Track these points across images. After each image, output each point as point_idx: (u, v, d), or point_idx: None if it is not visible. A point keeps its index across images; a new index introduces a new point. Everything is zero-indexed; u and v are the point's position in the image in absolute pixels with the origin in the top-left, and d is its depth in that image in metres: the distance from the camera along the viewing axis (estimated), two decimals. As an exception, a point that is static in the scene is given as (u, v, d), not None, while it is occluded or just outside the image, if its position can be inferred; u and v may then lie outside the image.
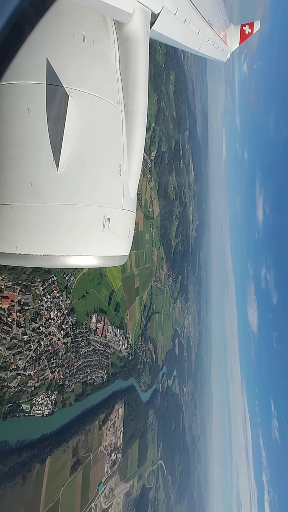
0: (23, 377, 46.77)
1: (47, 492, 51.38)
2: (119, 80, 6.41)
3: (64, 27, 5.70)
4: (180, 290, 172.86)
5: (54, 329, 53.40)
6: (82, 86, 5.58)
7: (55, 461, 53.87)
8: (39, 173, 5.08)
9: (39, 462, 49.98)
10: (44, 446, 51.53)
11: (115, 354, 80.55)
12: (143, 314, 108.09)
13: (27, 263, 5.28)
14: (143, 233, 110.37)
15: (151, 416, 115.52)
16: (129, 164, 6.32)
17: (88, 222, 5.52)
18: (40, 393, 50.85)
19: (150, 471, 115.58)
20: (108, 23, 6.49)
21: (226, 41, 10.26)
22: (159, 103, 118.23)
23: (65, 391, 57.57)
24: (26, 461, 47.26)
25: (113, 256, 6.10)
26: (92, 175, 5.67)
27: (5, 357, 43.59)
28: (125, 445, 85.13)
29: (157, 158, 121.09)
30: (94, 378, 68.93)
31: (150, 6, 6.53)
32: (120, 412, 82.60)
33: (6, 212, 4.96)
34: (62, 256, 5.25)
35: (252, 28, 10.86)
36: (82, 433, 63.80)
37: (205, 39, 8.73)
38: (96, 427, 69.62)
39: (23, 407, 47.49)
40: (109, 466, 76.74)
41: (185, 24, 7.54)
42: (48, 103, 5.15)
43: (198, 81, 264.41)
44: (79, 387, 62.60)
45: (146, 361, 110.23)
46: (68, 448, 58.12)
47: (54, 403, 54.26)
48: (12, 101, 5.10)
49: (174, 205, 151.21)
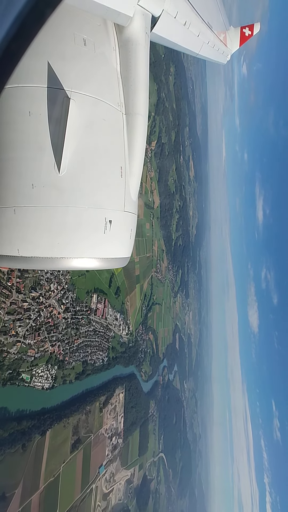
0: (22, 345, 46.47)
1: (47, 465, 50.98)
2: (120, 83, 6.47)
3: (65, 31, 5.78)
4: (180, 285, 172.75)
5: (54, 302, 53.12)
6: (83, 89, 5.64)
7: (55, 435, 53.38)
8: (40, 176, 5.12)
9: (39, 434, 49.64)
10: (44, 419, 51.19)
11: (115, 339, 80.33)
12: (144, 303, 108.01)
13: (29, 266, 5.34)
14: (144, 222, 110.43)
15: (152, 407, 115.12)
16: (130, 166, 6.36)
17: (90, 224, 5.53)
18: (40, 365, 50.51)
19: (151, 462, 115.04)
20: (109, 26, 6.57)
21: (226, 43, 10.33)
22: (159, 93, 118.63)
23: (65, 367, 57.21)
24: (26, 431, 46.90)
25: (115, 258, 6.13)
26: (94, 178, 5.71)
27: (5, 321, 43.36)
28: (126, 431, 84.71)
29: (157, 148, 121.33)
30: (95, 359, 68.67)
31: (150, 9, 6.60)
32: (121, 397, 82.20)
33: (8, 214, 5.00)
34: (64, 259, 5.31)
35: (252, 30, 10.95)
36: (83, 413, 63.39)
37: (205, 42, 8.79)
38: (96, 409, 69.17)
39: (23, 376, 47.12)
40: (110, 450, 76.31)
41: (185, 27, 7.61)
42: (49, 106, 5.20)
43: (197, 80, 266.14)
44: (80, 366, 62.26)
45: (147, 351, 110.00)
46: (68, 425, 57.66)
47: (54, 378, 53.94)
48: (14, 104, 5.14)
49: (174, 198, 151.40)
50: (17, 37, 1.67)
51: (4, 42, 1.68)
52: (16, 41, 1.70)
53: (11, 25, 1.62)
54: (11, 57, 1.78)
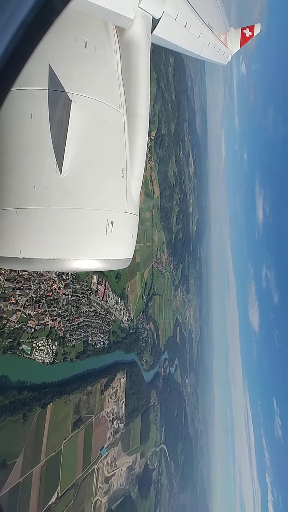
0: (23, 315, 46.32)
1: (48, 440, 50.74)
2: (121, 85, 6.52)
3: (66, 34, 5.81)
4: (181, 279, 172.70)
5: (54, 276, 52.97)
6: (84, 91, 5.66)
7: (56, 410, 53.16)
8: (42, 178, 5.13)
9: (40, 406, 49.41)
10: (45, 392, 51.06)
11: (116, 323, 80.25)
12: (145, 291, 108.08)
13: (31, 267, 5.29)
14: (144, 210, 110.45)
15: (153, 397, 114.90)
16: (132, 168, 6.34)
17: (92, 225, 5.55)
18: (41, 338, 50.39)
19: (153, 452, 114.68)
20: (110, 28, 6.62)
21: (227, 44, 10.34)
22: (158, 82, 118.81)
23: (66, 344, 57.09)
24: (27, 401, 46.72)
25: (117, 259, 6.12)
26: (95, 179, 5.72)
27: (4, 288, 43.11)
28: (127, 417, 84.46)
29: (157, 138, 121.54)
30: (96, 341, 68.59)
31: (151, 11, 6.65)
32: (122, 382, 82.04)
33: (10, 216, 5.00)
34: (66, 260, 5.29)
35: (252, 31, 10.95)
36: (84, 392, 63.22)
37: (205, 43, 8.80)
38: (98, 391, 68.94)
39: (24, 347, 47.00)
40: (111, 433, 76.08)
41: (186, 28, 7.65)
42: (51, 109, 5.23)
43: (197, 78, 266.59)
44: (80, 345, 62.13)
45: (148, 340, 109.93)
46: (69, 402, 57.44)
47: (55, 353, 53.83)
48: (15, 107, 5.16)
49: (174, 191, 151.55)
50: (21, 43, 1.72)
51: (9, 48, 1.71)
52: (20, 48, 1.74)
53: (16, 30, 1.67)
54: (17, 62, 1.83)
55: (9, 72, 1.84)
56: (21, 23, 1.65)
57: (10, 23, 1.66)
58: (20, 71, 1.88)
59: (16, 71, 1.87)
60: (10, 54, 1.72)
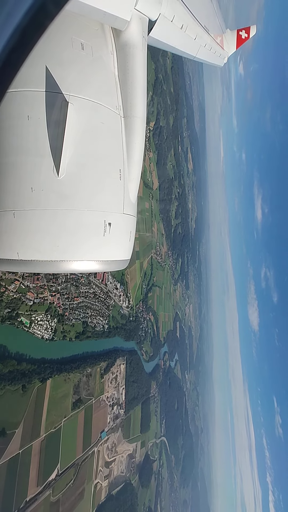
0: (21, 285, 45.90)
1: (48, 415, 50.35)
2: (118, 86, 6.56)
3: (63, 36, 5.85)
4: (180, 274, 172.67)
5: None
6: (81, 93, 5.68)
7: (56, 387, 52.75)
8: (40, 179, 5.13)
9: (39, 380, 48.99)
10: (44, 367, 50.68)
11: (116, 308, 79.86)
12: (144, 281, 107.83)
13: (28, 269, 5.31)
14: (143, 200, 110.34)
15: (154, 388, 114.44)
16: (129, 169, 6.40)
17: (89, 227, 5.55)
18: (40, 312, 50.03)
19: (154, 443, 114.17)
20: (106, 30, 6.67)
21: (223, 46, 10.46)
22: (156, 73, 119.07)
23: (65, 323, 56.68)
24: (26, 373, 46.30)
25: (115, 261, 6.15)
26: (93, 180, 5.74)
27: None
28: (127, 404, 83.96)
29: (155, 129, 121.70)
30: (95, 323, 68.21)
31: (147, 13, 6.68)
32: (122, 368, 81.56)
33: (7, 218, 4.98)
34: (64, 262, 5.27)
35: (248, 33, 11.15)
36: (84, 374, 62.67)
37: (202, 45, 8.87)
38: (97, 374, 68.47)
39: (22, 319, 46.67)
40: (111, 418, 75.61)
41: (182, 30, 7.70)
42: (48, 110, 5.24)
43: (195, 77, 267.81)
44: (80, 326, 61.68)
45: (148, 331, 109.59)
46: (69, 380, 56.97)
47: (54, 330, 53.42)
48: (12, 108, 5.16)
49: (173, 185, 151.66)
50: (18, 45, 1.75)
51: (5, 50, 1.73)
52: (17, 50, 1.76)
53: (11, 34, 1.70)
54: (12, 65, 1.84)
55: (6, 73, 1.87)
56: (17, 25, 1.68)
57: (6, 25, 1.68)
58: (16, 72, 1.90)
59: (12, 73, 1.90)
60: (6, 56, 1.74)
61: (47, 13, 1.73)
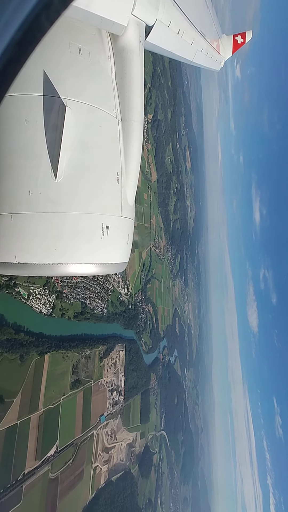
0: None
1: (46, 390, 49.76)
2: (115, 90, 6.61)
3: (60, 40, 5.90)
4: (179, 270, 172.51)
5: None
6: (79, 97, 5.71)
7: (54, 363, 52.15)
8: (37, 183, 5.13)
9: (37, 353, 48.31)
10: (43, 341, 50.07)
11: (114, 294, 79.45)
12: (143, 271, 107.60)
13: (26, 272, 5.31)
14: (141, 191, 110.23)
15: (153, 381, 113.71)
16: (127, 172, 6.39)
17: (87, 230, 5.54)
18: (38, 285, 49.43)
19: (153, 436, 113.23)
20: (104, 35, 6.73)
21: (219, 51, 10.59)
22: (154, 66, 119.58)
23: (63, 300, 56.26)
24: (24, 344, 45.67)
25: (113, 264, 6.13)
26: (90, 184, 5.74)
27: None
28: (127, 392, 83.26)
29: (153, 122, 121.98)
30: (94, 306, 67.66)
31: (144, 18, 6.73)
32: (121, 354, 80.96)
33: (5, 221, 4.98)
34: (61, 265, 5.27)
35: (244, 38, 11.26)
36: (82, 355, 62.01)
37: (198, 50, 8.98)
38: (96, 357, 67.85)
39: (20, 290, 46.08)
40: (110, 404, 74.99)
41: (179, 35, 7.77)
42: (45, 114, 5.27)
43: (192, 78, 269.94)
44: (78, 306, 61.14)
45: (147, 322, 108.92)
46: (68, 358, 56.32)
47: (52, 306, 52.82)
48: (10, 112, 5.17)
49: (171, 179, 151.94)
50: (16, 50, 1.78)
51: (4, 54, 1.76)
52: (15, 54, 1.79)
53: (10, 39, 1.73)
54: (11, 70, 1.86)
55: (4, 77, 1.89)
56: (16, 30, 1.71)
57: (6, 30, 1.72)
58: (15, 77, 1.92)
59: (11, 77, 1.91)
60: (5, 60, 1.77)
61: (45, 19, 1.76)
